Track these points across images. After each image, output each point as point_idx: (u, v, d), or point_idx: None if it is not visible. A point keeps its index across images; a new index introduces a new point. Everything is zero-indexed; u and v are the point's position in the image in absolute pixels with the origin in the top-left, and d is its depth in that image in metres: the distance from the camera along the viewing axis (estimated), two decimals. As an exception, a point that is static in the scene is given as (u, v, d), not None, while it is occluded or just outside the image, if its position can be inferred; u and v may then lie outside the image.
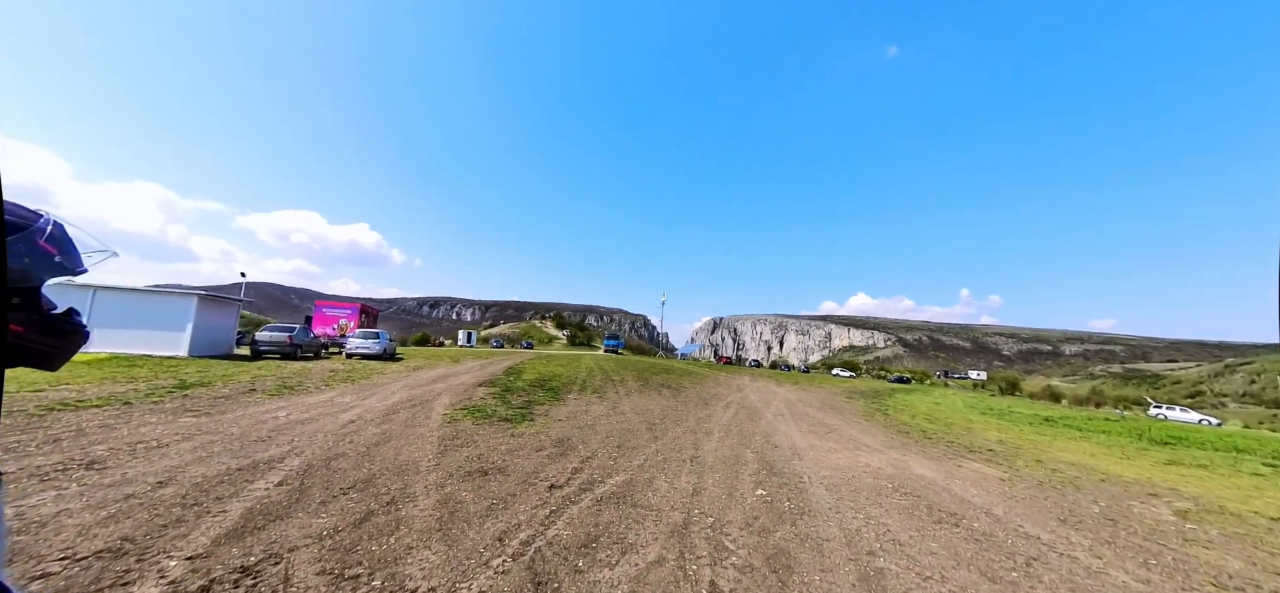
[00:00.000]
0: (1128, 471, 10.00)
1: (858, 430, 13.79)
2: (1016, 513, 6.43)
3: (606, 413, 13.43)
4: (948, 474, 8.51)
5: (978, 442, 12.94)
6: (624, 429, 10.96)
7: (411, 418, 10.47)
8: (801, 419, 15.33)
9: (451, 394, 14.42)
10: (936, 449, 11.26)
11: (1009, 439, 13.82)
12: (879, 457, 9.69)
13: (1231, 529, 6.23)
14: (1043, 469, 9.50)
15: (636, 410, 14.34)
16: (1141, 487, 8.45)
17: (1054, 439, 14.46)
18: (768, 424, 13.58)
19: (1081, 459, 11.00)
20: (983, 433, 14.99)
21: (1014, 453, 11.30)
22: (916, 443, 12.10)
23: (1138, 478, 9.16)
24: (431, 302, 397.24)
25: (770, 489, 6.76)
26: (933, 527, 5.64)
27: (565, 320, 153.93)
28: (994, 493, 7.44)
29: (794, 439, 11.12)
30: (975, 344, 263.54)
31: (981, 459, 10.28)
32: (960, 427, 16.32)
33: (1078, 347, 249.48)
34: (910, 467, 8.88)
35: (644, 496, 6.18)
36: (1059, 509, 6.72)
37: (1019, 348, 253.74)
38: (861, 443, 11.40)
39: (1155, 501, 7.58)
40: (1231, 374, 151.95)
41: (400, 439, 8.54)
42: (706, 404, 17.68)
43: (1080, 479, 8.79)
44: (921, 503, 6.56)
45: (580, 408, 13.87)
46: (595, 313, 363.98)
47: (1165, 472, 10.10)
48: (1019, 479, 8.48)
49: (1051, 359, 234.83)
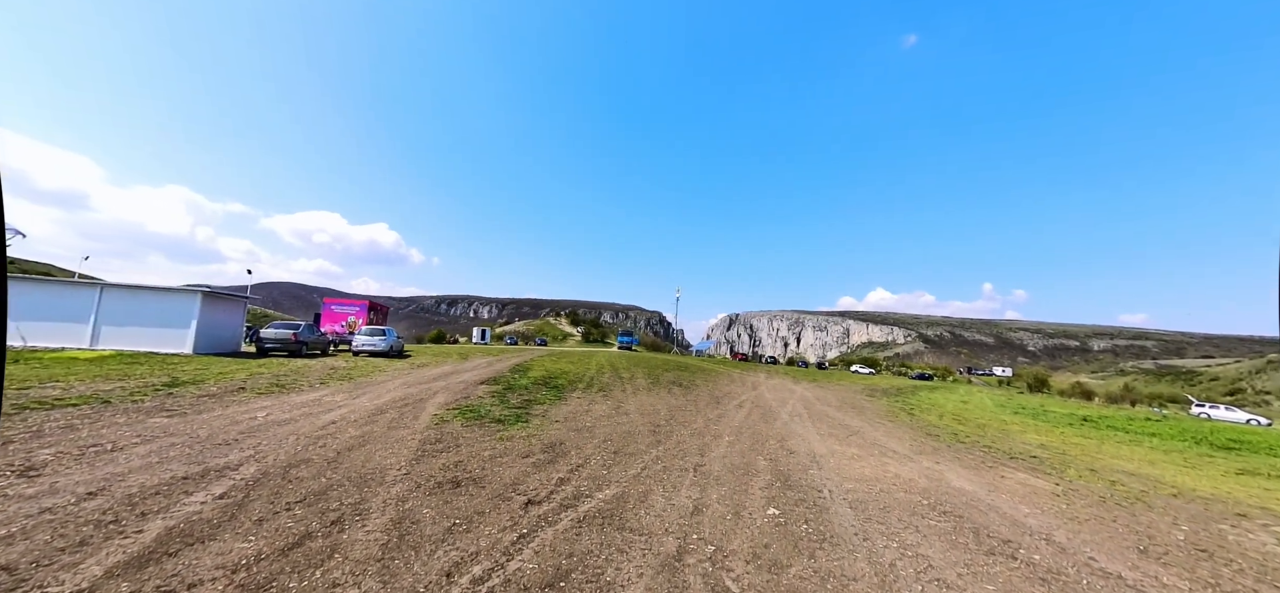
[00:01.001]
0: (1199, 483, 8.75)
1: (882, 433, 12.68)
2: (1083, 540, 5.36)
3: (609, 413, 12.56)
4: (991, 488, 7.42)
5: (1017, 446, 11.72)
6: (625, 432, 10.08)
7: (398, 419, 9.74)
8: (820, 420, 14.25)
9: (449, 393, 13.71)
10: (972, 456, 10.12)
11: (1051, 443, 12.56)
12: (909, 466, 8.62)
13: (1358, 564, 5.08)
14: (1100, 481, 8.33)
15: (642, 411, 13.44)
16: (1224, 505, 7.26)
17: (1101, 443, 13.13)
18: (783, 426, 12.56)
19: (1140, 468, 9.76)
20: (1020, 436, 13.72)
21: (1061, 460, 10.10)
22: (949, 448, 10.96)
23: (1215, 493, 7.94)
24: (449, 300, 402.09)
25: (784, 507, 5.80)
26: (984, 560, 4.63)
27: (579, 318, 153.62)
28: (1049, 512, 6.35)
29: (812, 444, 10.09)
30: (999, 340, 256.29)
31: (1026, 468, 9.13)
32: (994, 429, 15.05)
33: (1107, 342, 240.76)
34: (946, 478, 7.81)
35: (635, 515, 5.28)
36: (1134, 535, 5.62)
37: (1045, 344, 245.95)
38: (887, 448, 10.32)
39: (1248, 524, 6.41)
40: (1275, 370, 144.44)
41: (378, 443, 7.79)
42: (718, 404, 16.69)
43: (1147, 494, 7.61)
44: (965, 526, 5.53)
45: (582, 408, 13.03)
46: (610, 310, 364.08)
47: (1243, 485, 8.82)
48: (1075, 494, 7.35)
49: (1079, 355, 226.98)
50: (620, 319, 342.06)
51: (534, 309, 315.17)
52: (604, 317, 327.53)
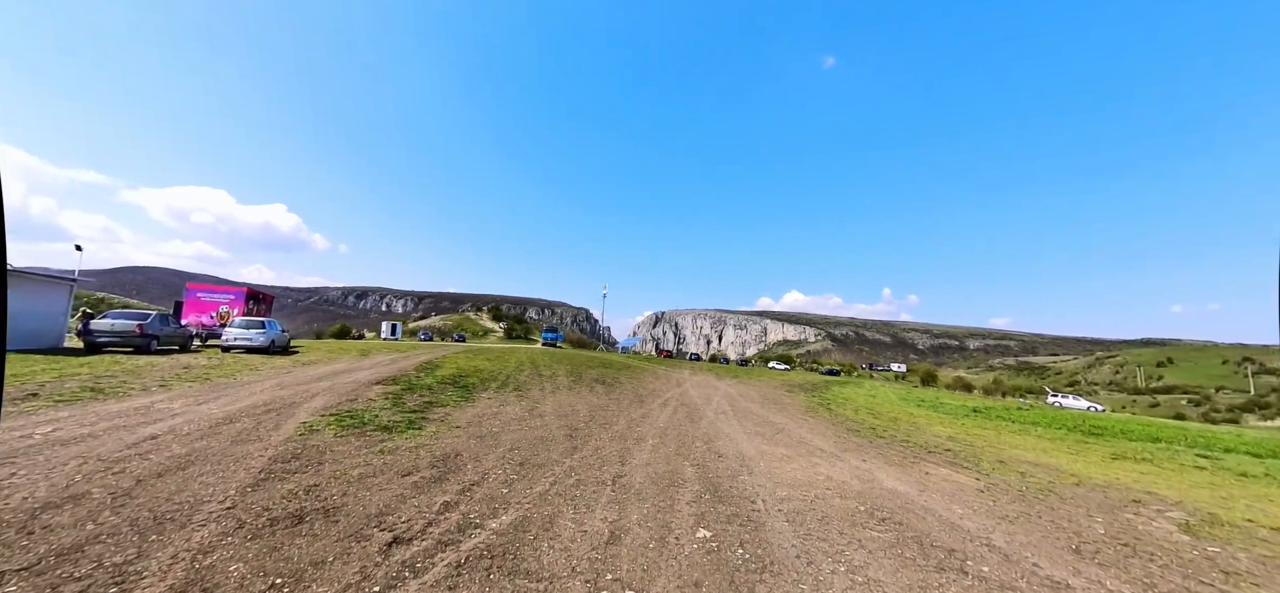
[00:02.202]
0: (1089, 469, 9.28)
1: (806, 430, 12.54)
2: (1021, 542, 5.07)
3: (522, 416, 11.26)
4: (921, 486, 7.19)
5: (929, 439, 12.05)
6: (537, 438, 8.88)
7: (249, 430, 7.80)
8: (746, 418, 13.92)
9: (331, 395, 11.64)
10: (894, 451, 10.11)
11: (957, 435, 13.13)
12: (839, 465, 8.28)
13: (1260, 552, 5.23)
14: (1012, 473, 8.50)
15: (559, 412, 12.26)
16: (1118, 491, 7.58)
17: (998, 434, 14.00)
18: (709, 425, 11.99)
19: (1038, 457, 10.27)
20: (929, 429, 14.29)
21: (972, 453, 10.39)
22: (871, 444, 10.94)
23: (1106, 479, 8.37)
24: (358, 292, 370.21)
25: (716, 526, 4.99)
26: (937, 578, 4.10)
27: (502, 313, 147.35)
28: (980, 511, 6.13)
29: (740, 445, 9.53)
30: (895, 339, 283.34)
31: (945, 462, 9.18)
32: (904, 422, 15.64)
33: (980, 342, 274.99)
34: (877, 478, 7.50)
35: (535, 551, 4.18)
36: (1062, 533, 5.47)
37: (932, 342, 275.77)
38: (814, 446, 10.04)
39: (1145, 510, 6.63)
40: (1100, 366, 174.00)
41: (207, 464, 5.98)
42: (642, 402, 15.90)
43: (1055, 485, 7.80)
44: (908, 536, 5.05)
45: (491, 410, 11.60)
46: (536, 306, 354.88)
47: (1122, 469, 9.49)
48: (997, 489, 7.33)
49: (958, 353, 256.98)
50: (546, 316, 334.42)
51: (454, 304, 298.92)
52: (529, 313, 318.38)
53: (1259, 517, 6.55)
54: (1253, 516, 6.61)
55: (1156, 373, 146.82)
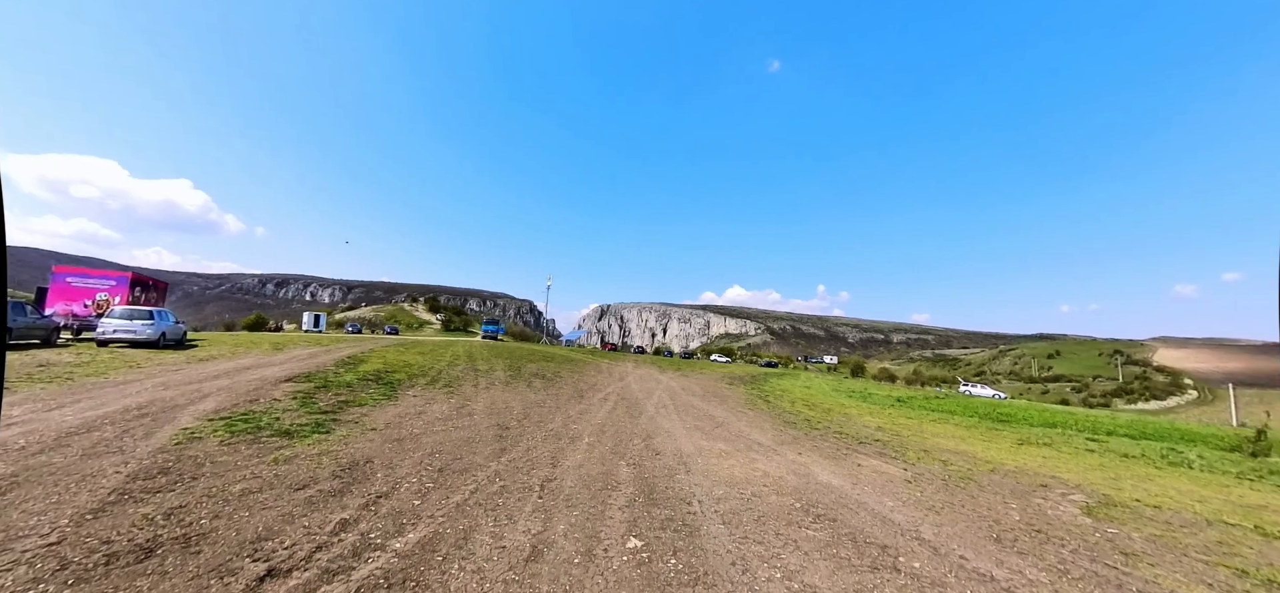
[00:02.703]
0: (1000, 455, 9.90)
1: (746, 423, 12.61)
2: (947, 534, 5.14)
3: (449, 414, 10.48)
4: (854, 479, 7.27)
5: (860, 430, 12.48)
6: (463, 439, 8.21)
7: (110, 441, 6.60)
8: (686, 412, 13.83)
9: (228, 396, 10.27)
10: (828, 443, 10.32)
11: (885, 425, 13.73)
12: (776, 460, 8.26)
13: (1149, 531, 5.63)
14: (935, 462, 8.86)
15: (492, 409, 11.56)
16: (1027, 477, 8.07)
17: (921, 423, 14.79)
18: (649, 421, 11.74)
19: (957, 445, 10.86)
20: (859, 419, 14.87)
21: (899, 443, 10.82)
22: (806, 437, 11.13)
23: (1017, 465, 8.93)
24: (278, 279, 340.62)
25: (649, 533, 4.67)
26: (871, 577, 4.00)
27: (440, 304, 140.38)
28: (909, 502, 6.24)
29: (679, 441, 9.32)
30: (828, 333, 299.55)
31: (875, 453, 9.45)
32: (837, 413, 16.21)
33: (903, 336, 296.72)
34: (812, 472, 7.51)
35: (441, 574, 3.66)
36: (983, 521, 5.64)
37: (861, 336, 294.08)
38: (753, 441, 10.04)
39: (1050, 494, 7.05)
40: (1002, 358, 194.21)
41: (42, 484, 4.91)
42: (582, 397, 15.43)
43: (973, 472, 8.20)
44: (843, 533, 4.98)
45: (415, 408, 10.72)
46: (477, 297, 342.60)
47: (1028, 455, 10.21)
48: (923, 479, 7.56)
49: (884, 346, 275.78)
50: (488, 307, 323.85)
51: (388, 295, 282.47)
52: (469, 304, 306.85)
53: (1144, 496, 7.16)
54: (1139, 495, 7.21)
55: (1047, 364, 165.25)
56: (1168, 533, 5.58)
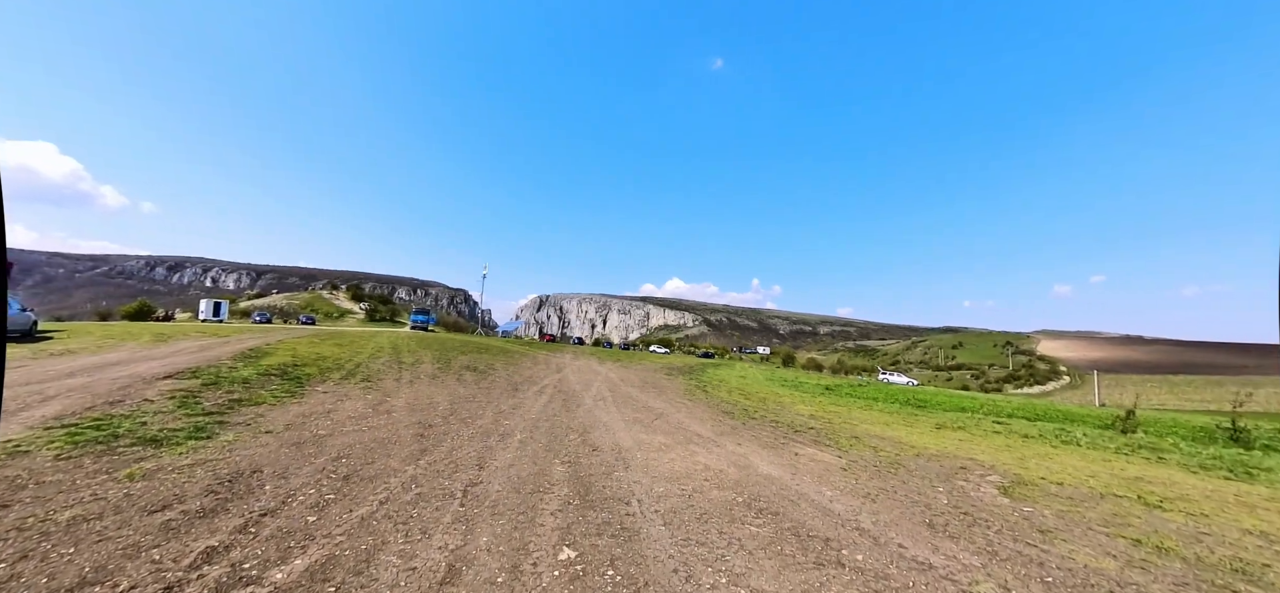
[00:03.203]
0: (923, 440, 10.43)
1: (685, 414, 12.49)
2: (885, 522, 5.15)
3: (364, 412, 9.45)
4: (793, 469, 7.24)
5: (795, 418, 12.76)
6: (377, 441, 7.34)
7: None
8: (625, 404, 13.50)
9: (79, 397, 8.62)
10: (766, 432, 10.39)
11: (817, 413, 14.17)
12: (716, 452, 8.10)
13: (1057, 507, 5.98)
14: (866, 448, 9.13)
15: (414, 406, 10.59)
16: (948, 460, 8.48)
17: (850, 410, 15.45)
18: (587, 414, 11.28)
19: (883, 431, 11.34)
20: (793, 408, 15.27)
21: (831, 429, 11.13)
22: (745, 426, 11.17)
23: (938, 449, 9.40)
24: (171, 263, 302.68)
25: (584, 541, 4.24)
26: (816, 575, 3.82)
27: (365, 293, 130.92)
28: (846, 490, 6.27)
29: (617, 435, 8.95)
30: (761, 325, 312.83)
31: (811, 441, 9.60)
32: (772, 402, 16.59)
33: (829, 328, 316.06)
34: (753, 464, 7.41)
35: (330, 611, 3.03)
36: (916, 507, 5.74)
37: (791, 328, 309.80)
38: (693, 432, 9.88)
39: (970, 475, 7.42)
40: (914, 348, 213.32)
41: None
42: (516, 391, 14.67)
43: (901, 457, 8.50)
44: (786, 528, 4.82)
45: (323, 407, 9.57)
46: (408, 285, 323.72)
47: (946, 438, 10.84)
48: (857, 466, 7.70)
49: (812, 337, 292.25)
50: (419, 296, 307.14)
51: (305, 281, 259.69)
52: (398, 294, 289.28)
53: (1047, 474, 7.72)
54: (1044, 473, 7.76)
55: (952, 354, 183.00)
56: (1072, 508, 5.96)
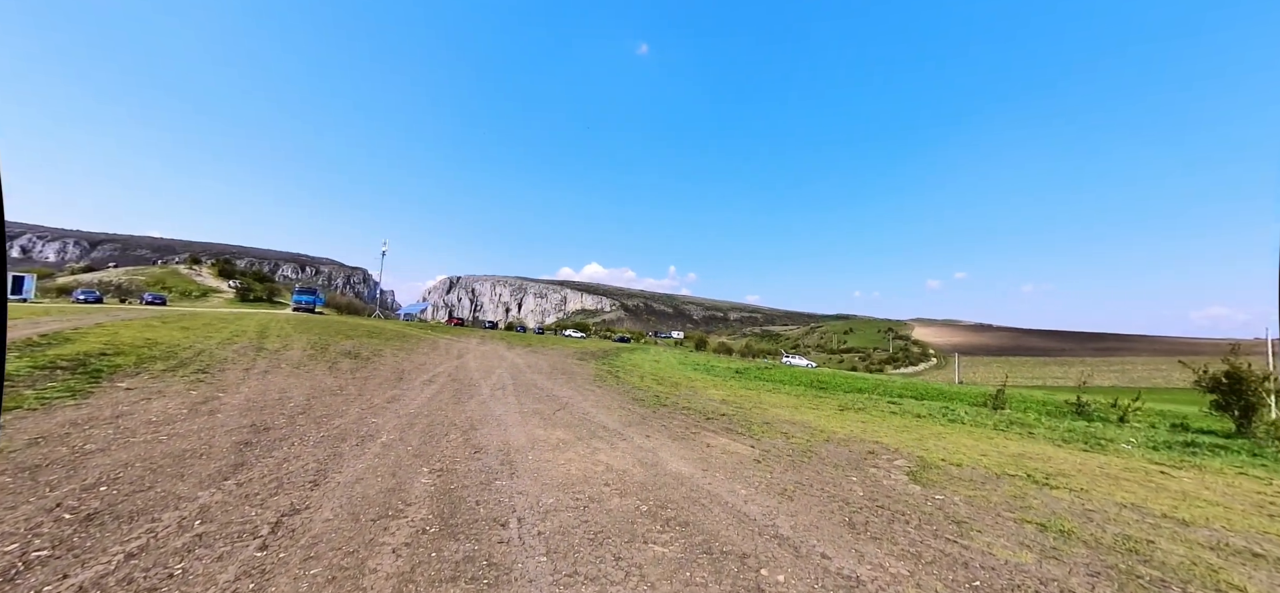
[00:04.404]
0: (830, 423, 10.42)
1: (592, 403, 11.52)
2: (804, 526, 4.57)
3: (177, 414, 7.32)
4: (704, 463, 6.56)
5: (707, 404, 12.34)
6: (173, 455, 5.49)
7: None
8: (527, 393, 12.24)
9: None
10: (677, 421, 9.74)
11: (729, 398, 13.94)
12: (621, 448, 7.22)
13: (964, 493, 5.86)
14: (778, 435, 8.79)
15: (254, 402, 8.52)
16: (857, 445, 8.37)
17: (759, 394, 15.48)
18: (479, 407, 9.88)
19: (793, 416, 11.25)
20: (705, 392, 14.96)
21: (743, 416, 10.79)
22: (655, 414, 10.46)
23: (845, 433, 9.35)
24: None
25: (432, 590, 3.09)
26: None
27: (235, 269, 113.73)
28: (760, 487, 5.67)
29: (509, 432, 7.73)
30: (676, 310, 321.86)
31: (723, 429, 9.09)
32: (685, 387, 16.21)
33: (739, 314, 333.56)
34: (661, 460, 6.62)
35: None
36: (833, 502, 5.28)
37: (704, 314, 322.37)
38: (598, 424, 8.93)
39: (880, 462, 7.26)
40: (812, 333, 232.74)
41: None
42: (401, 380, 12.76)
43: (811, 444, 8.23)
44: (697, 543, 4.03)
45: (113, 410, 7.26)
46: (295, 262, 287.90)
47: (850, 421, 10.97)
48: (769, 456, 7.22)
49: (723, 323, 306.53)
50: (309, 274, 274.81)
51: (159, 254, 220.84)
52: (283, 271, 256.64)
53: (946, 456, 7.83)
54: (943, 455, 7.87)
55: (844, 338, 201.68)
56: (978, 494, 5.88)
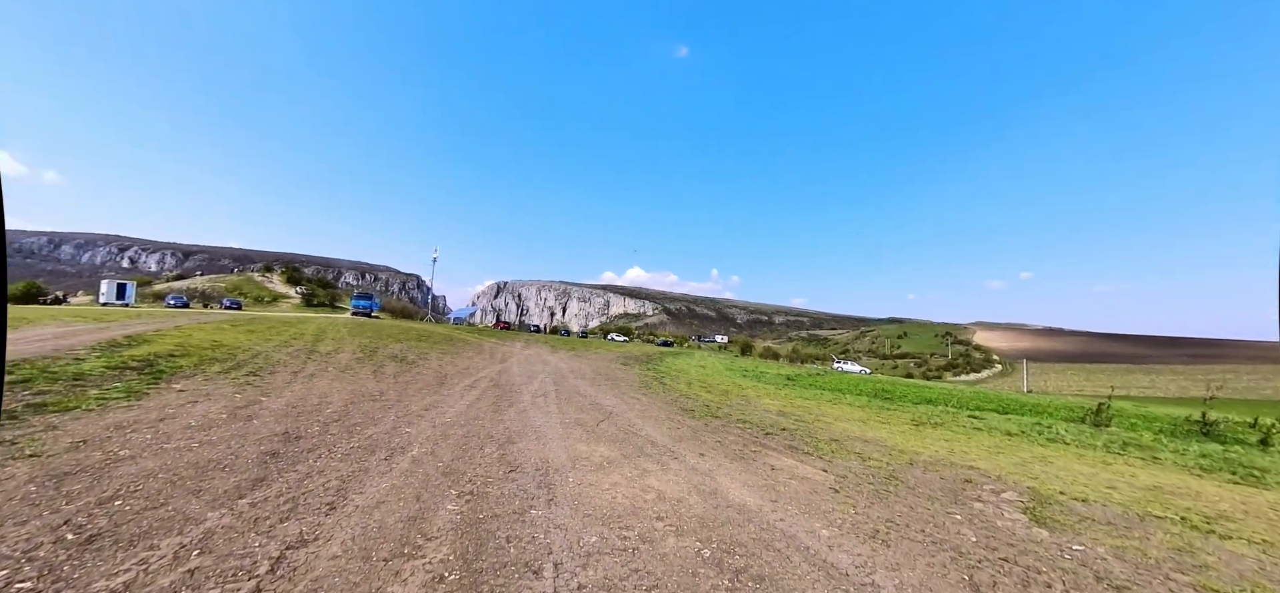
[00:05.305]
0: (907, 441, 9.16)
1: (638, 413, 10.75)
2: (913, 587, 3.60)
3: (216, 418, 7.15)
4: (772, 492, 5.63)
5: (763, 416, 11.29)
6: (198, 464, 5.17)
7: None
8: (570, 401, 11.62)
9: None
10: (732, 435, 8.79)
11: (786, 409, 12.80)
12: (674, 470, 6.39)
13: (1107, 542, 4.64)
14: (851, 456, 7.68)
15: (293, 407, 8.32)
16: (947, 470, 7.16)
17: (819, 404, 14.21)
18: (518, 416, 9.32)
19: (863, 431, 10.02)
20: (758, 401, 13.88)
21: (805, 431, 9.69)
22: (707, 427, 9.56)
23: (930, 454, 8.11)
24: (81, 240, 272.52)
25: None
26: None
27: (302, 276, 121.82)
28: (845, 526, 4.70)
29: (548, 448, 7.06)
30: (719, 314, 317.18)
31: (786, 447, 8.08)
32: (735, 395, 15.17)
33: (784, 318, 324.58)
34: (721, 487, 5.74)
35: None
36: (941, 551, 4.25)
37: (748, 317, 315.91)
38: (646, 439, 8.13)
39: (982, 493, 6.08)
40: (862, 337, 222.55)
41: None
42: (442, 385, 12.48)
43: (893, 467, 7.10)
44: (777, 608, 3.16)
45: (160, 412, 7.18)
46: (355, 270, 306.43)
47: (930, 439, 9.64)
48: (848, 484, 6.18)
49: (767, 327, 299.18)
50: (368, 281, 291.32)
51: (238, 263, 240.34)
52: (345, 278, 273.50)
53: (1063, 487, 6.51)
54: (1057, 486, 6.56)
55: (897, 343, 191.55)
56: (1127, 543, 4.65)
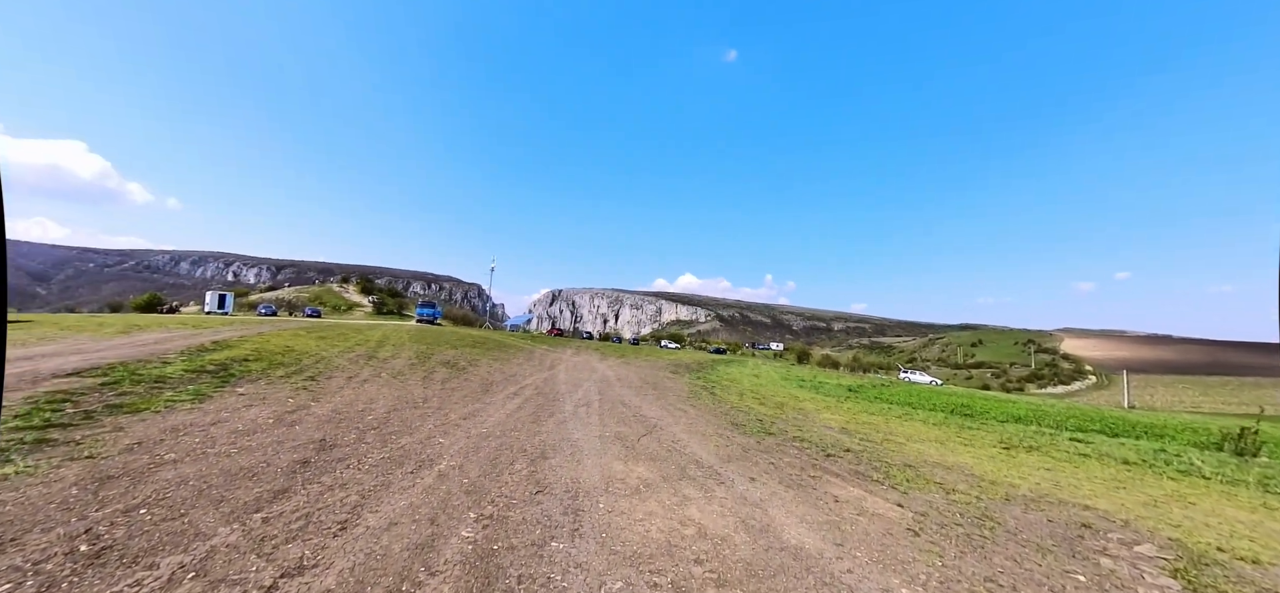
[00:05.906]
0: (998, 469, 7.87)
1: (684, 426, 10.05)
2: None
3: (265, 423, 7.24)
4: (837, 533, 4.79)
5: (823, 434, 10.24)
6: (232, 472, 5.08)
7: None
8: (612, 412, 11.12)
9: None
10: (788, 457, 7.91)
11: (848, 425, 11.63)
12: (719, 497, 5.67)
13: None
14: (931, 487, 6.61)
15: (338, 412, 8.35)
16: (1053, 508, 5.97)
17: (887, 420, 12.86)
18: (555, 428, 8.90)
19: (942, 455, 8.77)
20: (818, 416, 12.75)
21: (873, 452, 8.60)
22: (759, 445, 8.71)
23: (1028, 487, 6.86)
24: (195, 257, 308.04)
25: None
26: None
27: (374, 286, 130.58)
28: (931, 585, 3.82)
29: (582, 466, 6.54)
30: (774, 321, 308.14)
31: (851, 472, 7.11)
32: (792, 407, 14.08)
33: (842, 324, 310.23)
34: (774, 522, 4.97)
35: None
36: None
37: (805, 324, 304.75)
38: (690, 458, 7.44)
39: (1107, 543, 4.91)
40: (931, 345, 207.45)
41: None
42: (487, 391, 12.39)
43: (985, 504, 5.99)
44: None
45: (217, 415, 7.37)
46: (422, 280, 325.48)
47: (1026, 467, 8.27)
48: (930, 524, 5.21)
49: (825, 334, 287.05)
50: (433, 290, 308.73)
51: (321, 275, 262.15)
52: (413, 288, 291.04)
53: (1219, 540, 5.18)
54: (1208, 537, 5.24)
55: (971, 352, 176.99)
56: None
